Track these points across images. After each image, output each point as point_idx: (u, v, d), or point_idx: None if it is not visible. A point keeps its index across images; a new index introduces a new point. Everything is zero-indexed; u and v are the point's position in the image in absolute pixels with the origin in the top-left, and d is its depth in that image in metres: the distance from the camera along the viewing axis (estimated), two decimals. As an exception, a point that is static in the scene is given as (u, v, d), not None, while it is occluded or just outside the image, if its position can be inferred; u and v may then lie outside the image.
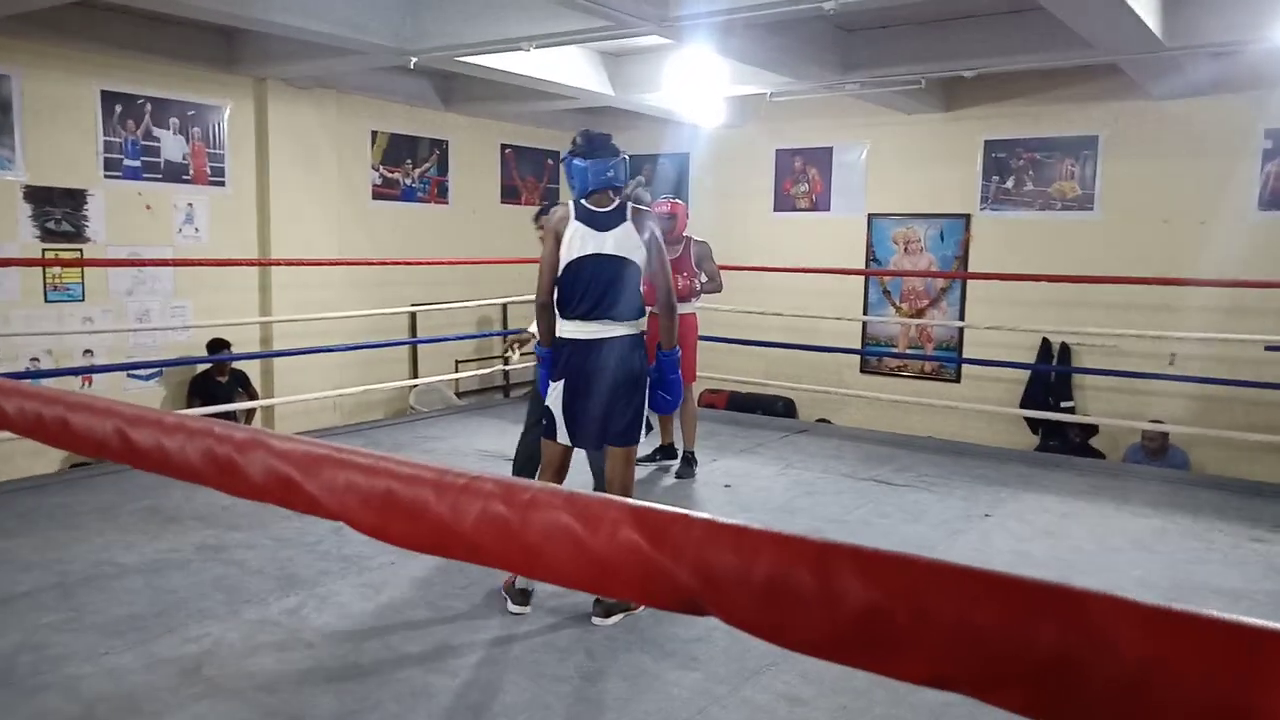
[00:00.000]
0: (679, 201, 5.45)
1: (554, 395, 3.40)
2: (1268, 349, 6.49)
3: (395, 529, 0.72)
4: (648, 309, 3.55)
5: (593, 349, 3.33)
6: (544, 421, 3.48)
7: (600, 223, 3.32)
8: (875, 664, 0.53)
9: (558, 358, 3.40)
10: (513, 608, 3.45)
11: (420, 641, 3.23)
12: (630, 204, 3.37)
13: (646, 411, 3.51)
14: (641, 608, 3.50)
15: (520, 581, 3.43)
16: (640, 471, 5.39)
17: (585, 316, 3.32)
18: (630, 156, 3.48)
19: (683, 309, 4.62)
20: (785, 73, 6.79)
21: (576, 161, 3.34)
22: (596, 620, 3.36)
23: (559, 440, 3.45)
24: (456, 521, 0.66)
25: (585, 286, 3.31)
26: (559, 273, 3.35)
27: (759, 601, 0.55)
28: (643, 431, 3.50)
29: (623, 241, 3.31)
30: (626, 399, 3.38)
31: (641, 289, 3.44)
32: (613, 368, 3.34)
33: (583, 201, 3.35)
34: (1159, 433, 6.65)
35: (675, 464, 5.55)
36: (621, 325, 3.36)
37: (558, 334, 3.42)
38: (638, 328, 3.44)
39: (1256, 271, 6.55)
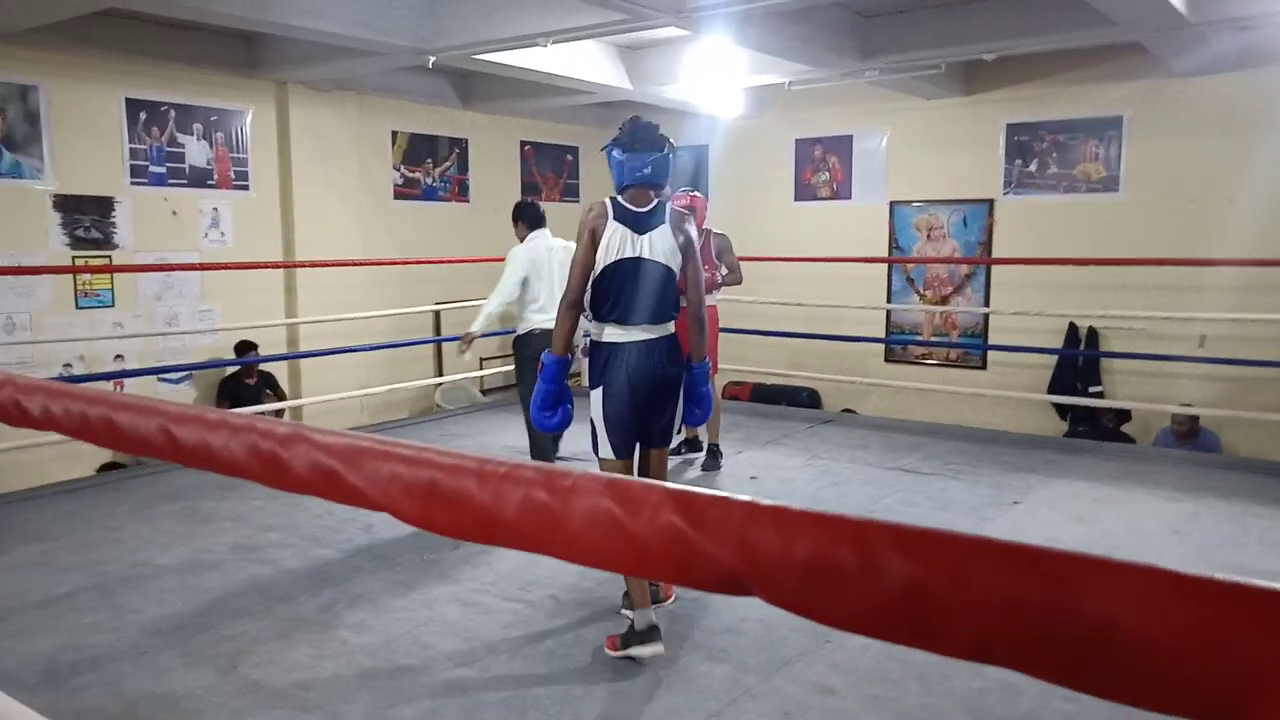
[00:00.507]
0: (698, 194, 5.42)
1: (595, 406, 3.24)
2: (1300, 328, 6.40)
3: (439, 518, 0.73)
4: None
5: (633, 352, 3.21)
6: (592, 437, 3.31)
7: (639, 224, 3.18)
8: (918, 639, 0.54)
9: (601, 364, 3.25)
10: (644, 651, 3.08)
11: (451, 638, 3.26)
12: (668, 204, 3.25)
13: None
14: (670, 599, 3.49)
15: (639, 620, 3.10)
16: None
17: (624, 321, 3.20)
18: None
19: (709, 300, 4.59)
20: (804, 61, 6.76)
21: (615, 153, 3.21)
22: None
23: (601, 454, 3.29)
24: (499, 509, 0.68)
25: (626, 291, 3.17)
26: (596, 275, 3.20)
27: (801, 581, 0.55)
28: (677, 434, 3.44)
29: (660, 245, 3.19)
30: (665, 401, 3.28)
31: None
32: (653, 371, 3.23)
33: (620, 199, 3.21)
34: (1189, 416, 6.58)
35: (701, 456, 5.56)
36: (660, 329, 3.25)
37: (595, 338, 3.29)
38: (670, 329, 3.32)
39: (1287, 250, 6.46)
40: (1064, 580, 0.50)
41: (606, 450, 3.25)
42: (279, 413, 7.33)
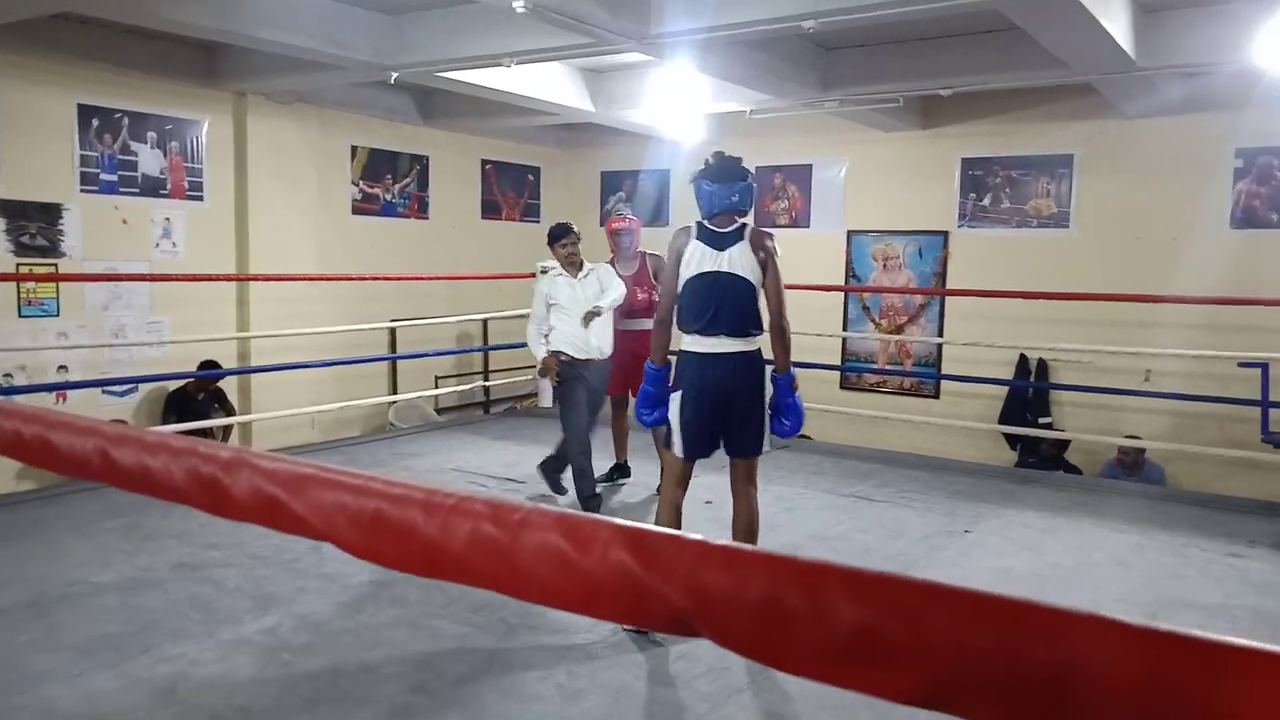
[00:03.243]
0: (634, 217, 5.59)
1: (674, 408, 3.51)
2: (1241, 365, 6.57)
3: (384, 549, 0.71)
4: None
5: (711, 363, 3.43)
6: (667, 434, 3.57)
7: (720, 242, 3.45)
8: (867, 684, 0.53)
9: (680, 371, 3.51)
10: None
11: (399, 661, 3.20)
12: (750, 226, 3.50)
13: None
14: None
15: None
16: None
17: (704, 331, 3.42)
18: (607, 172, 3.62)
19: (648, 324, 4.57)
20: (765, 90, 6.85)
21: (705, 185, 3.48)
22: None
23: (675, 453, 3.53)
24: (446, 542, 0.66)
25: (705, 303, 3.42)
26: (680, 289, 3.49)
27: (751, 622, 0.55)
28: (765, 445, 3.58)
29: (739, 259, 3.42)
30: (742, 413, 3.47)
31: (759, 305, 3.54)
32: (729, 382, 3.43)
33: (705, 223, 3.49)
34: (1135, 448, 6.71)
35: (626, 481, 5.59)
36: (739, 341, 3.44)
37: (681, 347, 3.52)
38: (754, 343, 3.51)
39: (1230, 288, 6.65)
40: (1015, 628, 0.50)
41: (678, 449, 3.52)
42: (227, 428, 7.19)
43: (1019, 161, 7.92)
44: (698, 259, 3.44)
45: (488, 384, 8.86)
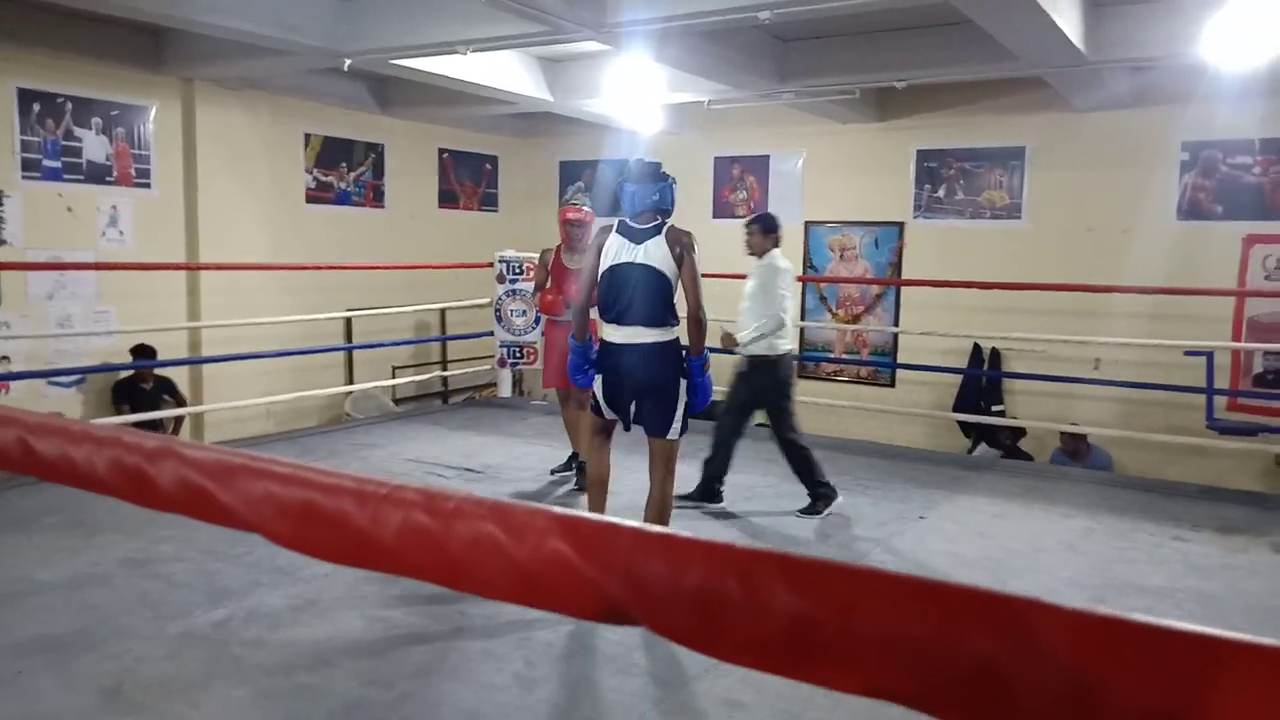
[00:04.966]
0: (590, 210, 5.46)
1: (597, 385, 3.81)
2: (1187, 354, 6.73)
3: (315, 540, 0.69)
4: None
5: (622, 353, 3.68)
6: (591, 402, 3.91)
7: (636, 237, 3.71)
8: (806, 674, 0.52)
9: (599, 357, 3.80)
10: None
11: (354, 654, 3.16)
12: (669, 224, 3.74)
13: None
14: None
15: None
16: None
17: (619, 321, 3.69)
18: (565, 162, 3.70)
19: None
20: (722, 81, 6.84)
21: (627, 186, 3.79)
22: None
23: (602, 415, 3.86)
24: (378, 532, 0.64)
25: (617, 292, 3.68)
26: (599, 278, 3.77)
27: (689, 612, 0.54)
28: (677, 428, 3.76)
29: (654, 252, 3.66)
30: (651, 398, 3.70)
31: (673, 298, 3.75)
32: (639, 370, 3.66)
33: (627, 220, 3.77)
34: (1072, 435, 6.83)
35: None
36: (651, 330, 3.66)
37: (600, 335, 3.81)
38: (670, 333, 3.71)
39: (1176, 279, 6.79)
40: (952, 616, 0.49)
41: (593, 405, 3.87)
42: (179, 420, 7.05)
43: (972, 154, 8.01)
44: (615, 251, 3.71)
45: (446, 374, 8.78)
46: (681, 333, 3.76)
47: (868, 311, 8.69)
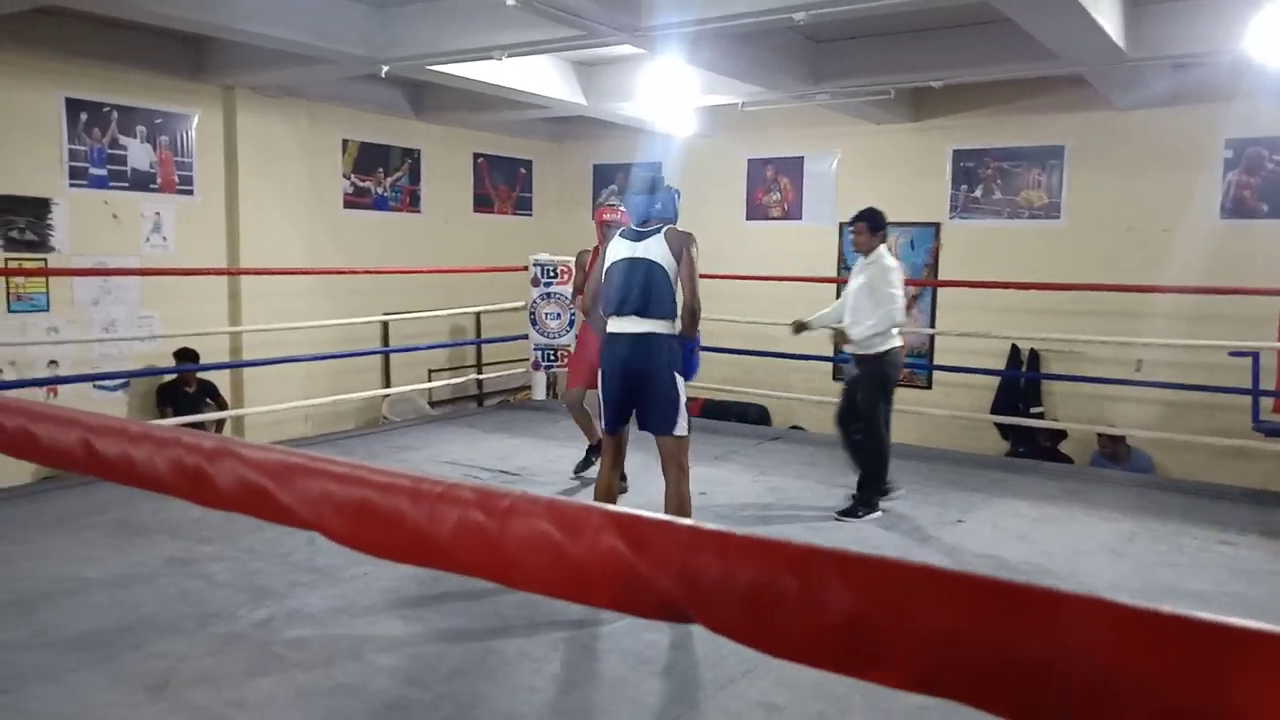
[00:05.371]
0: (625, 210, 5.45)
1: (599, 383, 3.95)
2: (1231, 354, 6.60)
3: (371, 538, 0.70)
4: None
5: (619, 341, 3.84)
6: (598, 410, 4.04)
7: (638, 238, 3.93)
8: (858, 669, 0.53)
9: (602, 350, 3.95)
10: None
11: (394, 654, 3.20)
12: (670, 227, 3.93)
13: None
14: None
15: None
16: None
17: (618, 313, 3.84)
18: (599, 166, 3.80)
19: None
20: (756, 83, 6.83)
21: (632, 197, 4.03)
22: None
23: (601, 426, 4.01)
24: (433, 530, 0.65)
25: (617, 285, 3.85)
26: (602, 276, 3.97)
27: (743, 608, 0.54)
28: (683, 425, 3.82)
29: (654, 249, 3.84)
30: (652, 388, 3.78)
31: (673, 293, 3.89)
32: (634, 358, 3.78)
33: (633, 226, 4.00)
34: (1111, 438, 6.73)
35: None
36: (647, 321, 3.79)
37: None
38: (666, 326, 3.82)
39: (1219, 278, 6.65)
40: (1007, 612, 0.49)
41: (601, 422, 3.98)
42: (220, 422, 7.16)
43: (1010, 153, 7.92)
44: (616, 250, 3.93)
45: (480, 377, 8.84)
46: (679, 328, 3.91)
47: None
